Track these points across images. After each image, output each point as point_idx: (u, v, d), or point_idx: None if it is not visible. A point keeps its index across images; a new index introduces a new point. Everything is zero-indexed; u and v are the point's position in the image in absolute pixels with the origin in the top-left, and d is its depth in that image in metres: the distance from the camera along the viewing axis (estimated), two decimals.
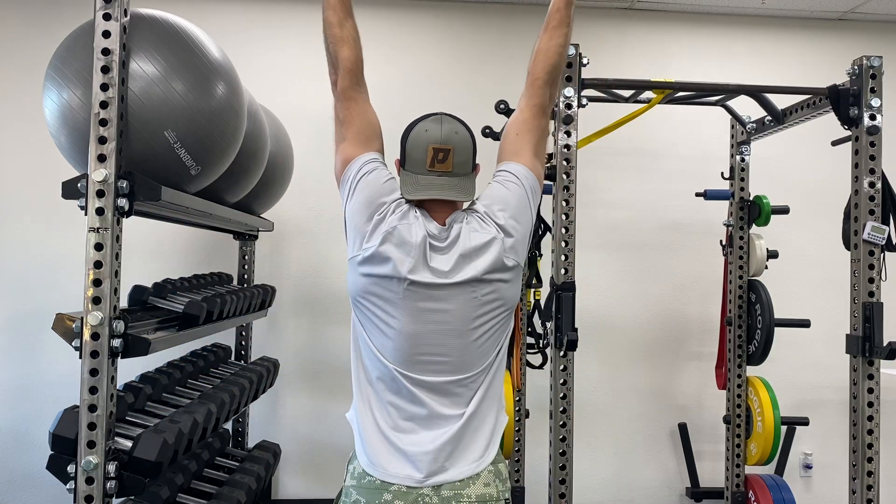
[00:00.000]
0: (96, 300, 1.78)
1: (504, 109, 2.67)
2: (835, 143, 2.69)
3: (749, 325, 3.30)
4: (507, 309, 1.63)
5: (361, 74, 1.66)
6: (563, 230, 2.34)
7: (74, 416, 1.79)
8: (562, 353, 2.33)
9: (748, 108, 3.07)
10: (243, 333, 3.43)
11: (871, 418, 2.43)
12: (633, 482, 3.72)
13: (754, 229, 3.33)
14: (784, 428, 3.22)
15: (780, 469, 3.46)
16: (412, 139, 1.62)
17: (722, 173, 3.40)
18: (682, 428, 3.64)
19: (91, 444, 1.77)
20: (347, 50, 1.63)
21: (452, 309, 1.56)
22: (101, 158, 1.78)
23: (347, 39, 1.64)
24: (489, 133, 2.94)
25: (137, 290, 2.51)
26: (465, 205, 1.67)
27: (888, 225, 2.47)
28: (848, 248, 2.53)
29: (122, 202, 1.80)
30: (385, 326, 1.58)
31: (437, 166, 1.58)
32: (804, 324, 3.23)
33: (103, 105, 1.78)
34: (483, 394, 1.61)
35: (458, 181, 1.60)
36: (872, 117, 2.44)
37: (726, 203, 3.41)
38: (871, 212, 2.44)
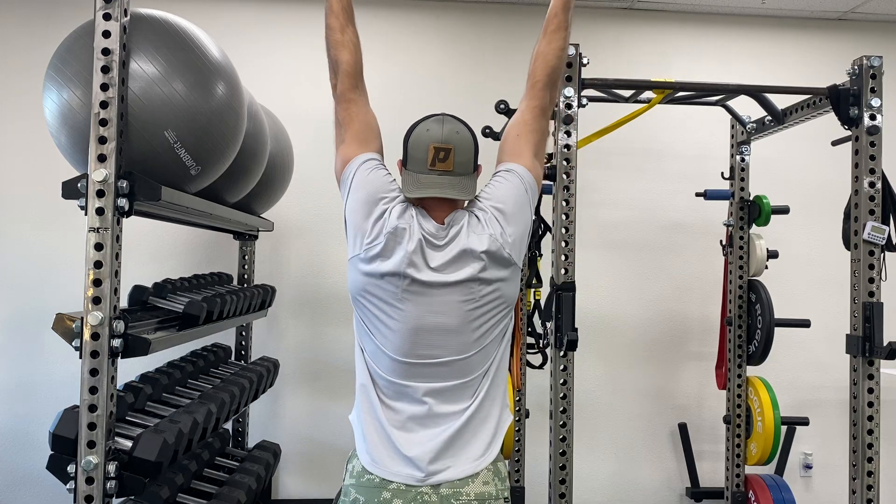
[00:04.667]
0: (96, 300, 1.78)
1: (504, 109, 2.66)
2: (835, 143, 2.69)
3: (749, 325, 3.30)
4: (507, 307, 1.64)
5: (361, 78, 1.70)
6: (563, 230, 2.34)
7: (74, 416, 1.79)
8: (562, 353, 2.33)
9: (748, 108, 3.07)
10: (243, 333, 3.43)
11: (871, 418, 2.43)
12: (633, 482, 3.72)
13: (754, 229, 3.33)
14: (784, 428, 3.22)
15: (780, 469, 3.46)
16: (414, 139, 1.63)
17: (722, 173, 3.40)
18: (682, 428, 3.64)
19: (91, 444, 1.77)
20: (347, 54, 1.68)
21: (451, 308, 1.57)
22: (101, 158, 1.78)
23: (348, 44, 1.68)
24: (489, 133, 2.94)
25: (137, 290, 2.51)
26: (465, 203, 1.68)
27: (888, 225, 2.47)
28: (848, 248, 2.53)
29: (122, 202, 1.80)
30: (384, 326, 1.59)
31: (438, 165, 1.59)
32: (804, 324, 3.23)
33: (103, 105, 1.78)
34: (485, 392, 1.61)
35: (459, 180, 1.61)
36: (872, 117, 2.44)
37: (726, 203, 3.41)
38: (871, 212, 2.44)
